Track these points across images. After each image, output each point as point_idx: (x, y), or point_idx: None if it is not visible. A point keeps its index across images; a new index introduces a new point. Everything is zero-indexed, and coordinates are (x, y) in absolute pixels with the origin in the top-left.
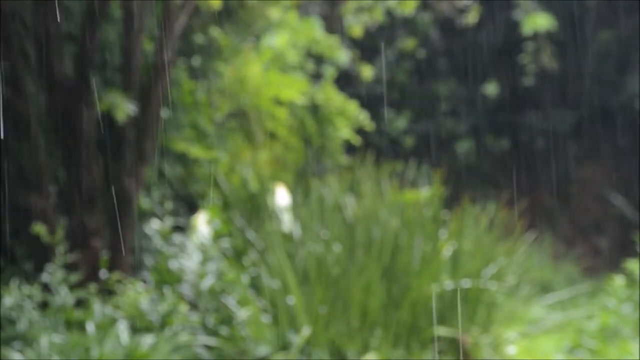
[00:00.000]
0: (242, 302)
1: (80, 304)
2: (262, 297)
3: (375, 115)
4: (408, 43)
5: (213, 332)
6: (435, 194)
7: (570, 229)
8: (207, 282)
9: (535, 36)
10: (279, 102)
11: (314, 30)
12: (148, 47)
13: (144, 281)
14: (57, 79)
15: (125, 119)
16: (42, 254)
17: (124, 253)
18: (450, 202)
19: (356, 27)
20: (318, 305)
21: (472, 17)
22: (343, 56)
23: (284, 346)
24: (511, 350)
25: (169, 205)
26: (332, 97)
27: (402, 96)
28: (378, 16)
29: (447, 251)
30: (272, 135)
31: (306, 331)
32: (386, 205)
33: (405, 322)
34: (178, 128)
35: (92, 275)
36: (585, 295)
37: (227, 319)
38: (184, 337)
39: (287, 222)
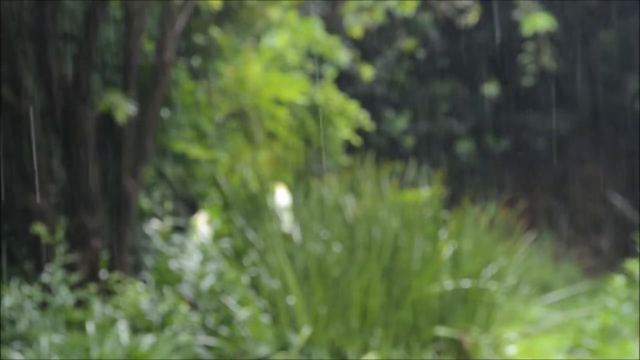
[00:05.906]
0: (242, 302)
1: (80, 304)
2: (262, 297)
3: (375, 115)
4: (408, 43)
5: (213, 332)
6: (435, 194)
7: (570, 229)
8: (207, 282)
9: (535, 36)
10: (279, 102)
11: (314, 30)
12: (148, 47)
13: (144, 281)
14: (57, 79)
15: (125, 119)
16: (42, 254)
17: (123, 253)
18: (450, 202)
19: (356, 27)
20: (318, 305)
21: (472, 17)
22: (343, 56)
23: (284, 346)
24: (511, 350)
25: (169, 205)
26: (332, 97)
27: (402, 96)
28: (378, 16)
29: (447, 251)
30: (272, 135)
31: (306, 331)
32: (386, 205)
33: (405, 322)
34: (178, 128)
35: (92, 275)
36: (585, 295)
37: (227, 319)
38: (184, 337)
39: (287, 222)
